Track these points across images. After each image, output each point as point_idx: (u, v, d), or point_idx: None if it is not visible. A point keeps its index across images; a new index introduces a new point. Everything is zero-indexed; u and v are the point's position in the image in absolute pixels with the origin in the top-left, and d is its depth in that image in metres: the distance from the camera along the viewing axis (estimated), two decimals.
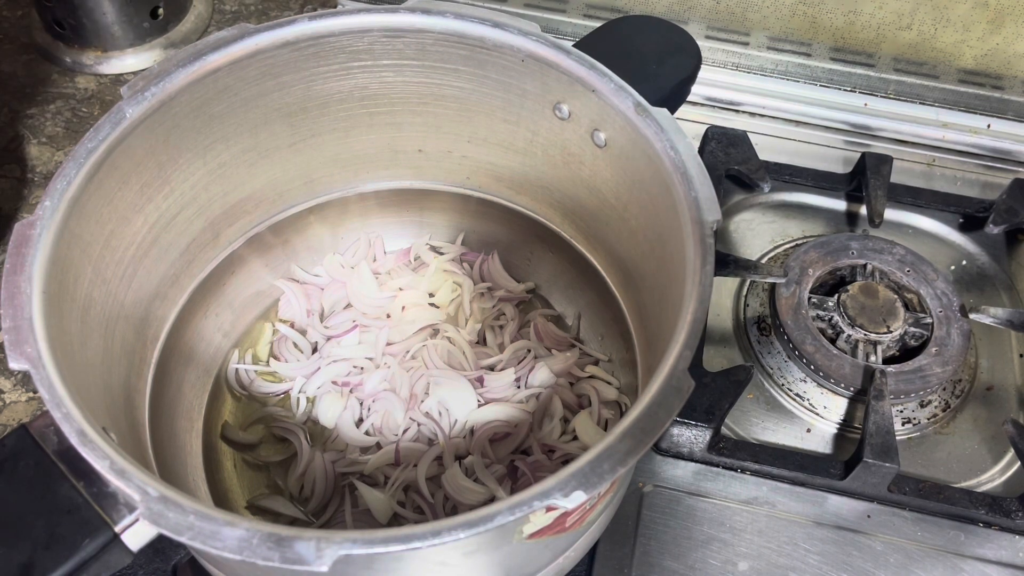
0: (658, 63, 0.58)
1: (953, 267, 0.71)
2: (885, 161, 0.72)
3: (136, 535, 0.36)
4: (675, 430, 0.57)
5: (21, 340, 0.36)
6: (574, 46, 0.50)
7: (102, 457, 0.33)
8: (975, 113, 0.80)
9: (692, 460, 0.58)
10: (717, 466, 0.58)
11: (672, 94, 0.58)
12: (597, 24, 0.82)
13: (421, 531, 0.32)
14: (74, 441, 0.34)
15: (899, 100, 0.81)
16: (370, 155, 0.59)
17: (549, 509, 0.34)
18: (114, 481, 0.33)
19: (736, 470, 0.58)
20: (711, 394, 0.58)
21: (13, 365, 0.35)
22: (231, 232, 0.57)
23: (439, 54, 0.52)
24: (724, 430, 0.60)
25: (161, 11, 0.77)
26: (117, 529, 0.36)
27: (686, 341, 0.38)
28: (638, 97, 0.47)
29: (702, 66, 0.60)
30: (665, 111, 0.47)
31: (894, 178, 0.72)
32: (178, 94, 0.46)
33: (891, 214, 0.71)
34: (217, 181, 0.53)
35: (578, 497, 0.33)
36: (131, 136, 0.45)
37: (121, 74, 0.77)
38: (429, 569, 0.38)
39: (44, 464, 0.37)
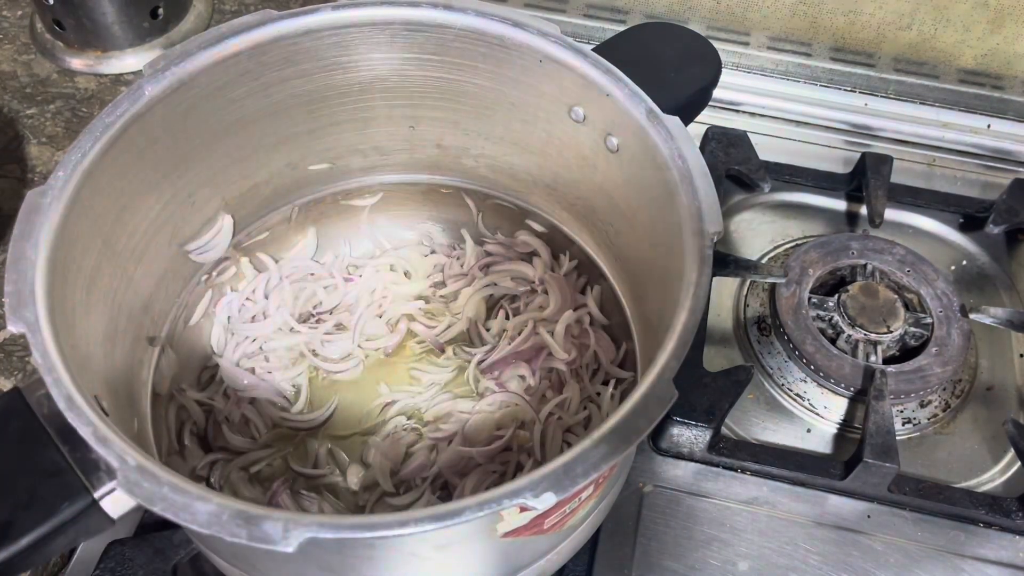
0: (677, 71, 0.58)
1: (953, 267, 0.71)
2: (885, 161, 0.72)
3: (115, 503, 0.36)
4: (675, 430, 0.57)
5: (21, 304, 0.37)
6: (594, 50, 0.50)
7: (86, 423, 0.34)
8: (975, 113, 0.80)
9: (692, 460, 0.58)
10: (717, 466, 0.58)
11: (690, 102, 0.58)
12: (597, 24, 0.83)
13: (388, 520, 0.32)
14: (61, 405, 0.34)
15: (899, 100, 0.81)
16: (388, 147, 0.59)
17: (522, 509, 0.34)
18: (96, 447, 0.33)
19: (736, 470, 0.58)
20: (711, 394, 0.57)
21: (11, 327, 0.36)
22: (246, 213, 0.57)
23: (459, 50, 0.52)
24: (724, 430, 0.60)
25: (161, 11, 0.77)
26: (96, 495, 0.36)
27: (673, 351, 0.38)
28: (651, 104, 0.47)
29: None
30: (677, 119, 0.46)
31: (894, 178, 0.72)
32: (198, 75, 0.47)
33: (891, 214, 0.71)
34: (234, 163, 0.53)
35: (548, 499, 0.33)
36: (149, 113, 0.45)
37: (121, 74, 0.77)
38: (402, 559, 0.38)
39: (33, 427, 0.37)
